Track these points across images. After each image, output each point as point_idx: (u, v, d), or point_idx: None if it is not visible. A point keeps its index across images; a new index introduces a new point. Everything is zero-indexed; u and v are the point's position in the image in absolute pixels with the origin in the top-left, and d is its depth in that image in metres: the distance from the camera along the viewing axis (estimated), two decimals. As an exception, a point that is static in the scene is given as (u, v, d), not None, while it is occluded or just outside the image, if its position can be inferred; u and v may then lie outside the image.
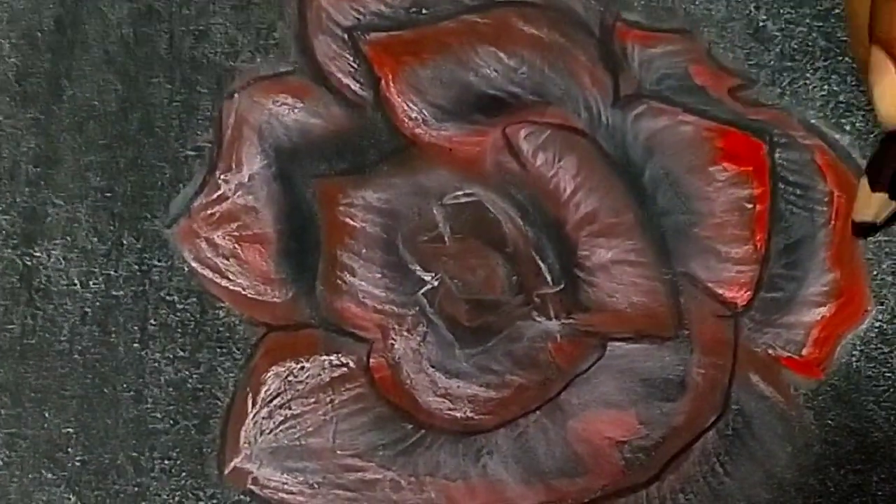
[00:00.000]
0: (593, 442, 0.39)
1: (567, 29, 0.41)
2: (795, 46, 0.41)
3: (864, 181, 0.39)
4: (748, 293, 0.39)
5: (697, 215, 0.40)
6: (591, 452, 0.39)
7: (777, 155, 0.40)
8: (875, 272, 0.40)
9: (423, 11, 0.41)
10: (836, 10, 0.41)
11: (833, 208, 0.40)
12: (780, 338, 0.39)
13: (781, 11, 0.41)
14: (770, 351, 0.39)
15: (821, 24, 0.41)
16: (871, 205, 0.39)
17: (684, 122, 0.40)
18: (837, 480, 0.38)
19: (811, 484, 0.39)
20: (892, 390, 0.39)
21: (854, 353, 0.39)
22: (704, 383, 0.39)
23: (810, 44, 0.41)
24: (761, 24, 0.41)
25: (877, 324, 0.39)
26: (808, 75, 0.41)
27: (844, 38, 0.41)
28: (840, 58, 0.41)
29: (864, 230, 0.40)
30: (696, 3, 0.41)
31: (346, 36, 0.40)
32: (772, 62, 0.41)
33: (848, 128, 0.40)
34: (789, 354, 0.39)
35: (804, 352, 0.39)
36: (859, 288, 0.40)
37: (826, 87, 0.41)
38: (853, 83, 0.41)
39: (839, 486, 0.39)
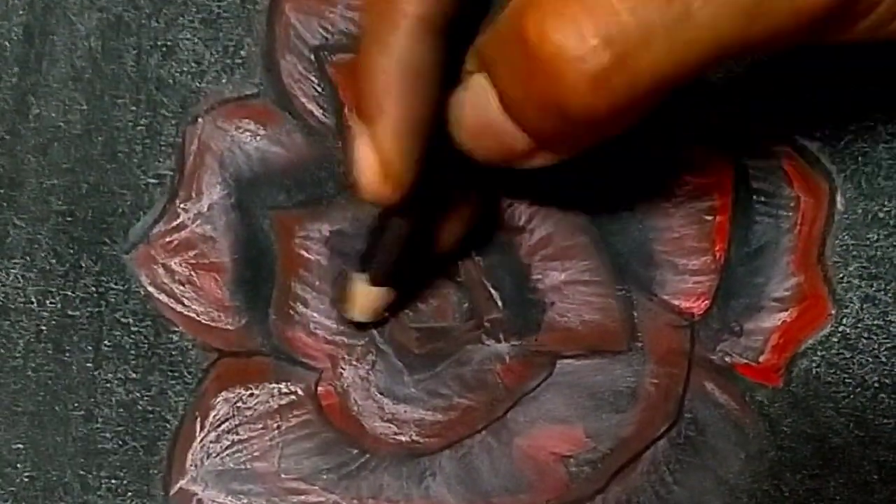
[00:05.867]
0: (538, 458, 0.37)
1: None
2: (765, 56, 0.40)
3: (359, 278, 0.36)
4: (706, 302, 0.37)
5: (654, 231, 0.38)
6: (535, 468, 0.37)
7: (742, 163, 0.38)
8: (841, 275, 0.37)
9: (391, 32, 0.41)
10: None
11: (799, 213, 0.38)
12: (738, 345, 0.37)
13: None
14: (727, 358, 0.37)
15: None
16: (372, 300, 0.36)
17: (645, 137, 0.40)
18: (793, 486, 0.36)
19: (765, 489, 0.36)
20: (852, 396, 0.36)
21: (814, 358, 0.37)
22: (657, 393, 0.37)
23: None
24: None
25: (840, 328, 0.37)
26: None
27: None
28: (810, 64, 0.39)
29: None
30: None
31: (312, 56, 0.40)
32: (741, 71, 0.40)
33: (817, 134, 0.38)
34: (746, 361, 0.37)
35: (761, 358, 0.37)
36: (823, 292, 0.37)
37: (795, 94, 0.39)
38: (822, 90, 0.38)
39: (794, 491, 0.36)
